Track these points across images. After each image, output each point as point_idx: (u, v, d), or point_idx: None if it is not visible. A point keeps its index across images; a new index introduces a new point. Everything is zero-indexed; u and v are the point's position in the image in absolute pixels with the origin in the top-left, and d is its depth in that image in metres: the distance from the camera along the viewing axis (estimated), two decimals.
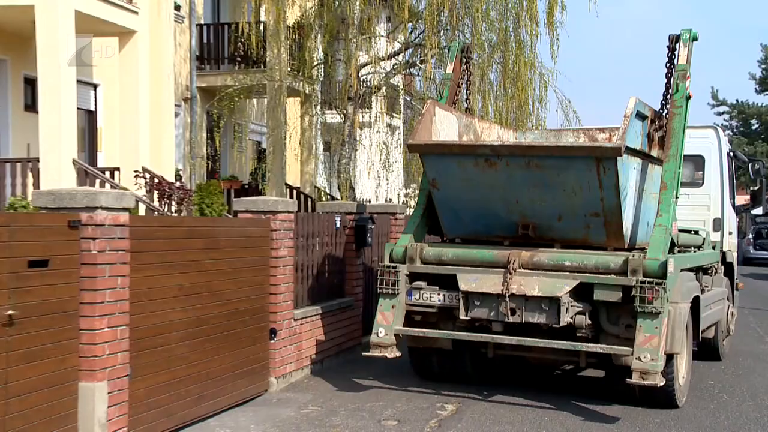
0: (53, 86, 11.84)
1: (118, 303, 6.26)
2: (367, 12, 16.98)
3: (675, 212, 8.16)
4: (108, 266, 6.16)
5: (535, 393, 8.48)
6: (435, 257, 8.44)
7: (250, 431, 7.12)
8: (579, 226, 8.06)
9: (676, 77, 8.60)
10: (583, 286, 7.69)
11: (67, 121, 11.97)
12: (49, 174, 11.61)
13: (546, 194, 7.93)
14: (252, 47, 17.19)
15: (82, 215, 6.06)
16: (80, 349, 6.05)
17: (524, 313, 7.74)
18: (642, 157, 8.34)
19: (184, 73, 18.06)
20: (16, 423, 5.50)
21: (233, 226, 8.50)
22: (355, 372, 9.28)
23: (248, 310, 8.09)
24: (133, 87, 13.70)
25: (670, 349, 7.55)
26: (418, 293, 8.25)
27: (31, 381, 5.64)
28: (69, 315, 5.97)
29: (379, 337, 8.20)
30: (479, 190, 8.19)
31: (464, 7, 16.01)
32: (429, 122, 8.51)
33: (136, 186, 12.58)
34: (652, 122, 8.46)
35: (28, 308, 5.58)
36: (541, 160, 7.77)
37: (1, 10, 11.98)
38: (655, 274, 7.39)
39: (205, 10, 19.34)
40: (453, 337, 8.25)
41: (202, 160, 18.69)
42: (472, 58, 10.73)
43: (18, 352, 5.51)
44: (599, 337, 7.87)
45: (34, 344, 5.65)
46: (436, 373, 8.95)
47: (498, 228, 8.42)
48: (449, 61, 9.89)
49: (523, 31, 16.02)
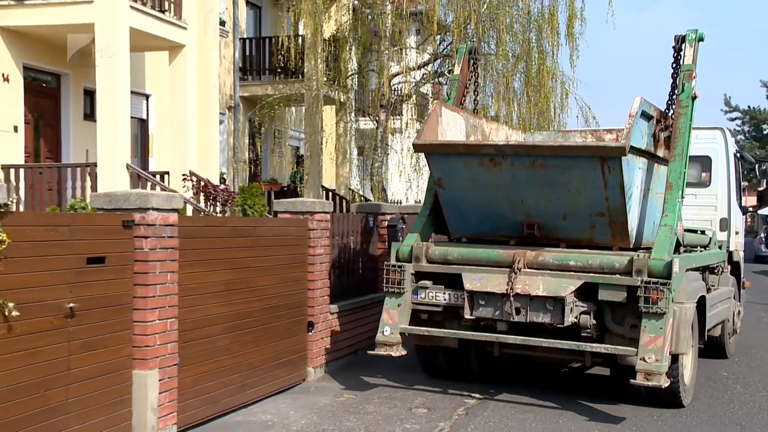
0: (110, 97, 11.96)
1: (168, 297, 6.31)
2: (398, 25, 16.94)
3: (681, 212, 7.74)
4: (158, 263, 6.21)
5: (542, 391, 8.18)
6: (441, 256, 8.01)
7: (290, 417, 7.14)
8: (584, 226, 7.66)
9: (681, 77, 8.15)
10: (587, 286, 7.29)
11: (121, 129, 12.08)
12: (105, 177, 11.71)
13: (551, 194, 7.53)
14: (291, 59, 17.24)
15: (135, 216, 6.11)
16: (134, 339, 6.11)
17: (529, 313, 7.34)
18: (648, 157, 7.94)
19: (228, 84, 18.17)
20: (77, 406, 5.59)
21: (273, 226, 8.54)
22: (386, 363, 9.24)
23: (287, 304, 8.11)
24: (181, 97, 13.80)
25: (676, 349, 7.11)
26: (424, 292, 7.87)
27: (90, 368, 5.71)
28: (123, 308, 6.03)
29: (385, 336, 7.84)
30: (484, 190, 7.79)
31: (489, 20, 15.91)
32: (435, 122, 8.11)
33: (184, 188, 12.64)
34: (657, 122, 8.08)
35: (86, 301, 5.65)
36: (545, 159, 7.38)
37: (65, 28, 12.16)
38: (660, 274, 6.98)
39: (247, 25, 19.46)
40: (458, 336, 7.87)
41: (245, 164, 18.80)
42: (480, 59, 10.13)
43: (78, 342, 5.59)
44: (604, 337, 7.46)
45: (92, 334, 5.72)
46: (442, 371, 8.56)
47: (503, 228, 8.01)
48: (457, 62, 9.41)
49: (545, 42, 15.93)
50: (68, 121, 13.69)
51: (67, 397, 5.50)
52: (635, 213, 7.68)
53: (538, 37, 15.96)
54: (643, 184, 7.87)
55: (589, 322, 7.28)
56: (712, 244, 9.68)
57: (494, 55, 16.34)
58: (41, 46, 12.73)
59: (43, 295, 5.29)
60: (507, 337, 7.55)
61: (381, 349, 7.85)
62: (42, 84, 13.35)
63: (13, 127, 12.45)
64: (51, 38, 12.64)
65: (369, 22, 17.06)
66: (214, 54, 15.50)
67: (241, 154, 18.58)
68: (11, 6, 12.03)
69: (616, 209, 7.36)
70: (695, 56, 8.24)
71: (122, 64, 11.99)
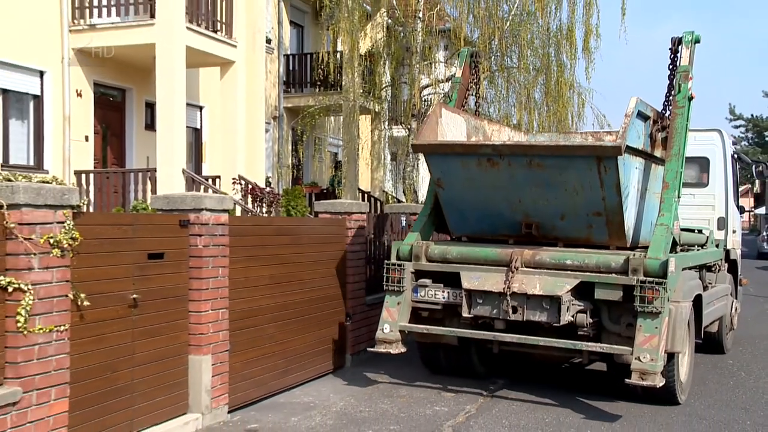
0: (168, 109, 12.10)
1: (219, 290, 6.37)
2: (428, 41, 16.92)
3: (677, 211, 7.16)
4: (211, 258, 6.27)
5: (545, 385, 8.04)
6: (440, 255, 7.49)
7: (330, 399, 7.19)
8: (581, 225, 7.13)
9: (678, 78, 7.57)
10: (584, 285, 6.79)
11: (178, 137, 12.21)
12: (163, 181, 11.84)
13: (548, 194, 7.02)
14: (330, 73, 17.31)
15: (190, 216, 6.17)
16: (189, 327, 6.17)
17: (525, 312, 6.85)
18: (645, 157, 7.41)
19: (273, 96, 18.30)
20: (141, 386, 5.68)
21: (314, 225, 8.58)
22: (416, 352, 9.21)
23: (327, 296, 8.14)
24: (231, 108, 13.88)
25: (671, 348, 6.65)
26: (424, 290, 7.39)
27: (152, 353, 5.79)
28: (180, 299, 6.10)
29: (384, 333, 7.37)
30: (482, 190, 7.29)
31: (512, 35, 15.86)
32: (435, 123, 7.59)
33: (234, 191, 12.74)
34: (654, 123, 7.50)
35: (148, 293, 5.73)
36: (542, 159, 6.86)
37: (129, 49, 12.36)
38: (656, 273, 6.50)
39: (291, 42, 19.56)
40: (455, 335, 7.37)
41: (288, 168, 18.90)
42: (481, 62, 9.44)
43: (141, 329, 5.67)
44: (601, 336, 6.96)
45: (153, 323, 5.80)
46: (443, 367, 8.06)
47: (502, 227, 7.50)
48: (459, 66, 8.85)
49: (563, 55, 15.87)
50: (132, 131, 13.89)
51: (132, 378, 5.59)
52: (632, 213, 7.20)
53: (557, 52, 15.90)
54: (640, 183, 7.37)
55: (585, 321, 6.80)
56: (709, 243, 9.13)
57: (516, 68, 16.29)
58: (109, 64, 12.94)
59: (110, 287, 5.38)
60: (504, 336, 7.09)
61: (381, 346, 7.41)
62: (109, 98, 13.57)
63: (85, 136, 12.69)
64: (117, 57, 12.82)
65: (401, 39, 17.07)
66: (261, 69, 15.62)
67: (285, 159, 18.70)
68: (85, 30, 12.27)
69: (613, 209, 6.90)
70: (691, 58, 7.70)
71: (179, 79, 12.14)
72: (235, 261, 6.56)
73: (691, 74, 7.59)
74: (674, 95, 7.57)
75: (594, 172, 6.69)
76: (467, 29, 16.30)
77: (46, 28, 11.96)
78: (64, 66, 12.19)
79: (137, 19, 12.29)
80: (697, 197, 10.08)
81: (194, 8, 12.64)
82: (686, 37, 7.74)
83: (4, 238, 4.58)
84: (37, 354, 4.70)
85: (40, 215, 4.71)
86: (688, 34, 7.76)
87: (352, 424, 6.42)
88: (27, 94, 11.97)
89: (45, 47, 11.94)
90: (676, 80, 7.63)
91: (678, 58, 7.75)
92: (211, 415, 6.29)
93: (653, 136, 7.53)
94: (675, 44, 7.82)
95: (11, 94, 11.71)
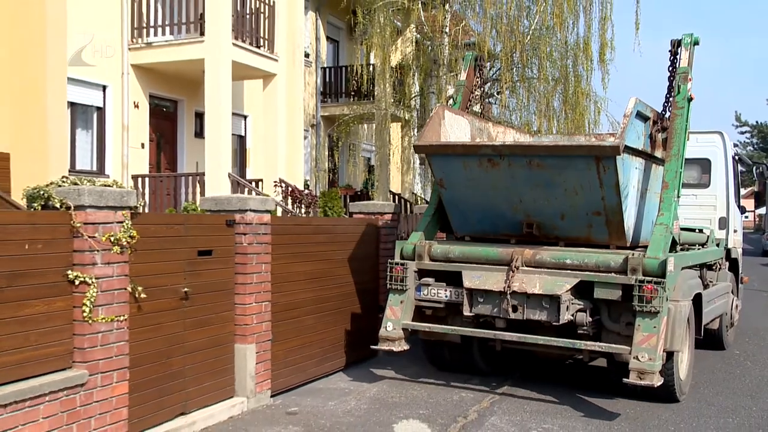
0: (215, 118, 12.22)
1: (263, 284, 6.41)
2: (454, 54, 16.85)
3: (676, 211, 6.74)
4: (255, 255, 6.31)
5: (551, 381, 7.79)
6: (442, 254, 7.11)
7: (364, 386, 7.20)
8: (581, 225, 6.73)
9: (677, 79, 7.15)
10: (584, 284, 6.41)
11: (225, 144, 12.33)
12: (211, 184, 11.95)
13: (548, 193, 6.63)
14: (363, 84, 17.37)
15: (236, 216, 6.22)
16: (235, 318, 6.23)
17: (525, 311, 6.47)
18: (645, 158, 6.98)
19: (311, 105, 18.39)
20: (192, 372, 5.76)
21: (349, 224, 8.57)
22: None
23: (361, 290, 8.15)
24: (273, 117, 13.96)
25: (670, 346, 6.25)
26: (426, 289, 7.02)
27: (201, 341, 5.85)
28: (227, 292, 6.15)
29: (387, 332, 7.02)
30: (484, 190, 6.91)
31: (532, 49, 15.75)
32: (437, 125, 7.20)
33: (275, 193, 12.83)
34: (654, 123, 7.07)
35: (197, 286, 5.79)
36: (542, 159, 6.47)
37: (181, 64, 12.57)
38: (655, 272, 6.12)
39: (327, 56, 19.65)
40: (456, 333, 6.99)
41: (324, 172, 18.99)
42: (485, 66, 8.82)
43: (191, 320, 5.74)
44: (601, 334, 6.56)
45: (202, 314, 5.86)
46: (448, 364, 7.67)
47: (504, 227, 7.11)
48: (463, 69, 8.39)
49: (580, 67, 15.73)
50: (182, 138, 14.05)
51: (184, 364, 5.66)
52: (632, 212, 6.79)
53: (574, 63, 15.78)
54: (640, 184, 6.96)
55: (585, 320, 6.41)
56: (709, 242, 8.63)
57: (536, 78, 16.17)
58: (162, 78, 13.15)
59: (164, 281, 5.46)
60: (504, 334, 6.70)
61: (383, 344, 7.05)
62: (162, 109, 13.75)
63: (141, 144, 12.88)
64: (170, 72, 13.04)
65: (429, 52, 17.04)
66: (300, 81, 15.70)
67: (322, 164, 18.79)
68: (142, 48, 12.49)
69: (612, 208, 6.50)
70: (691, 59, 7.26)
71: (225, 91, 12.26)
72: (276, 258, 6.60)
73: (690, 76, 7.20)
74: (674, 96, 7.19)
75: (593, 172, 6.31)
76: (490, 43, 16.19)
77: (108, 46, 12.19)
78: (123, 80, 12.42)
79: (188, 37, 12.47)
80: (699, 197, 9.76)
81: (240, 26, 12.78)
82: (685, 40, 7.33)
83: (71, 236, 4.69)
84: (101, 341, 4.80)
85: (102, 215, 4.81)
86: (687, 36, 7.34)
87: (385, 408, 6.43)
88: (91, 106, 12.21)
89: (107, 64, 12.17)
90: (675, 82, 7.24)
91: (677, 60, 7.34)
92: (255, 399, 6.36)
93: (653, 137, 7.12)
94: (674, 46, 7.41)
95: (78, 107, 11.95)
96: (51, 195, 4.70)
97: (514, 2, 15.39)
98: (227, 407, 6.08)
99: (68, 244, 4.67)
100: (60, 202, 4.69)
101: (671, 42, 7.44)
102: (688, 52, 7.29)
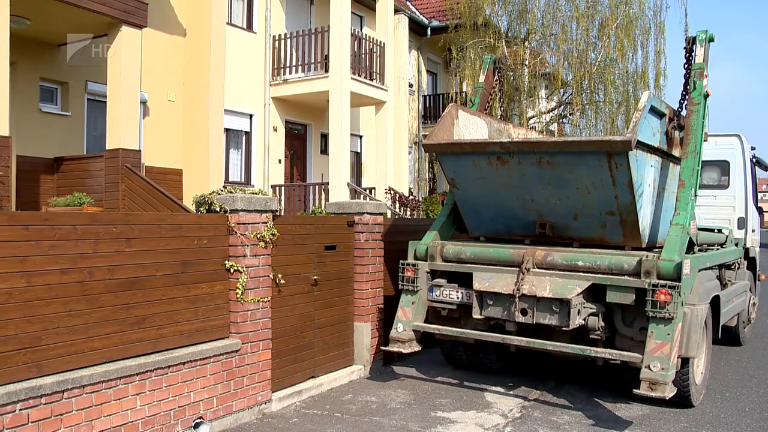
0: (337, 138, 12.39)
1: (376, 273, 6.41)
2: (532, 83, 16.53)
3: (693, 210, 5.42)
4: (370, 250, 6.32)
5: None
6: (454, 255, 5.87)
7: (439, 356, 6.69)
8: (595, 225, 5.40)
9: (693, 75, 5.82)
10: (596, 287, 5.17)
11: (344, 159, 12.45)
12: (334, 192, 12.14)
13: (560, 192, 5.34)
14: None
15: (355, 217, 6.26)
16: (354, 301, 6.26)
17: (535, 314, 5.21)
18: (661, 155, 5.63)
19: (414, 126, 18.34)
20: (320, 344, 5.83)
21: None
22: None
23: None
24: (383, 136, 14.00)
25: (686, 353, 5.01)
26: (438, 290, 5.78)
27: (327, 319, 5.91)
28: (348, 280, 6.18)
29: (398, 333, 5.83)
30: (495, 189, 5.63)
31: (599, 76, 15.68)
32: (449, 124, 6.02)
33: (385, 198, 12.88)
34: (670, 120, 5.74)
35: (325, 275, 5.85)
36: (551, 156, 5.16)
37: (310, 95, 12.88)
38: (670, 276, 4.84)
39: (427, 86, 19.54)
40: (465, 335, 5.69)
41: (425, 181, 18.89)
42: (503, 69, 7.43)
43: (320, 302, 5.81)
44: (614, 338, 5.32)
45: (328, 297, 5.92)
46: (464, 363, 6.53)
47: (517, 227, 5.82)
48: (482, 71, 7.19)
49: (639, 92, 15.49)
50: (311, 155, 14.34)
51: (313, 337, 5.74)
52: (647, 212, 5.43)
53: (634, 89, 15.46)
54: (656, 182, 5.59)
55: (597, 324, 5.17)
56: (728, 242, 7.24)
57: (602, 102, 16.08)
58: (295, 107, 13.54)
59: (298, 270, 5.55)
60: (512, 338, 5.42)
61: (394, 345, 5.85)
62: (295, 131, 14.13)
63: (278, 160, 13.28)
64: (301, 102, 13.39)
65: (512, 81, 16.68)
66: (405, 107, 15.71)
67: (423, 174, 18.70)
68: (280, 84, 12.94)
69: (626, 208, 5.17)
70: (706, 56, 5.97)
71: (345, 116, 12.43)
72: (387, 252, 6.56)
73: (706, 72, 5.93)
74: (690, 92, 5.88)
75: (605, 169, 5.01)
76: (563, 73, 16.13)
77: (255, 84, 12.72)
78: (265, 110, 12.88)
79: (316, 73, 12.78)
80: (719, 198, 8.52)
81: (357, 64, 12.97)
82: (700, 36, 6.02)
83: (228, 234, 4.87)
84: (250, 317, 4.94)
85: (251, 217, 4.95)
86: (702, 33, 6.04)
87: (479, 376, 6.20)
88: (241, 131, 12.77)
89: (253, 97, 12.69)
90: (691, 78, 5.92)
91: (693, 56, 6.04)
92: (370, 367, 6.37)
93: (669, 134, 5.78)
94: (690, 43, 6.10)
95: (231, 132, 12.55)
96: (213, 201, 4.91)
97: (582, 39, 15.40)
98: (347, 373, 6.12)
99: (225, 239, 4.84)
100: (220, 207, 4.88)
101: (686, 39, 6.16)
102: (703, 49, 5.99)
